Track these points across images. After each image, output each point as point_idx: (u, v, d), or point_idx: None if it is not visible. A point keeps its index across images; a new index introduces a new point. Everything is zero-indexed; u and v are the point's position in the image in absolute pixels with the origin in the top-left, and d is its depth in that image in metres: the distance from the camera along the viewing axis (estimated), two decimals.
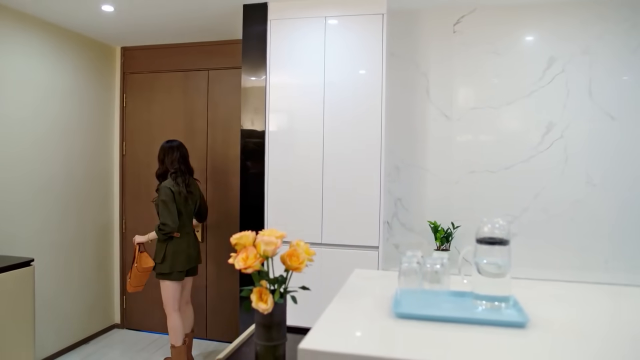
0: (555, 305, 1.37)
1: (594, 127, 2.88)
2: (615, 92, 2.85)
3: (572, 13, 2.87)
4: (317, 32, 2.83)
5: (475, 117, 3.04)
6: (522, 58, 2.96)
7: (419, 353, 1.03)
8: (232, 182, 3.72)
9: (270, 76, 2.88)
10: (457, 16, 3.01)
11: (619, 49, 2.83)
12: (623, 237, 2.85)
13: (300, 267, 1.36)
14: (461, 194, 3.08)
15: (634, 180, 2.83)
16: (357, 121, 2.79)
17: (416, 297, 1.34)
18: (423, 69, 3.09)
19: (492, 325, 1.19)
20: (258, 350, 1.40)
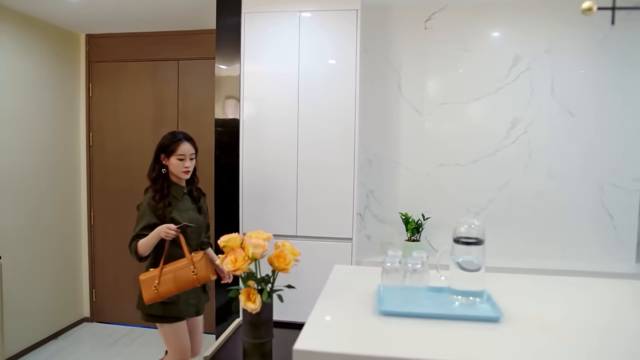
0: (526, 299, 1.48)
1: (555, 123, 3.03)
2: (575, 90, 3.00)
3: (537, 13, 2.99)
4: (292, 26, 2.84)
5: (445, 112, 3.14)
6: (490, 55, 3.06)
7: (404, 350, 1.10)
8: (205, 174, 3.66)
9: (244, 67, 2.88)
10: (428, 13, 3.08)
11: (579, 49, 2.97)
12: (581, 228, 3.03)
13: (287, 267, 1.41)
14: (431, 186, 3.18)
15: (591, 174, 3.01)
16: (332, 115, 2.84)
17: (398, 294, 1.41)
18: (395, 65, 3.15)
19: (468, 321, 1.27)
20: (246, 347, 1.45)
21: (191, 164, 2.34)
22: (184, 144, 2.32)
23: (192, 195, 2.42)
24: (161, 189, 2.29)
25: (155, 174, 2.35)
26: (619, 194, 3.00)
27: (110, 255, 3.95)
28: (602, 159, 3.00)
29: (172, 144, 2.32)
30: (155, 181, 2.33)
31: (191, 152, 2.34)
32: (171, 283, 2.05)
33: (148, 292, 2.07)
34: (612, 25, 1.41)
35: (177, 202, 2.32)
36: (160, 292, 2.04)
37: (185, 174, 2.33)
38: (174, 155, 2.31)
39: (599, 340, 1.18)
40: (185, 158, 2.31)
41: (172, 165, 2.32)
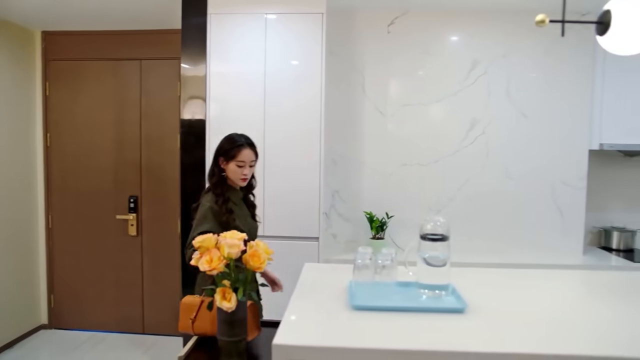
0: (488, 291, 1.57)
1: (510, 125, 3.19)
2: (528, 93, 3.17)
3: (493, 20, 3.14)
4: (258, 28, 2.86)
5: (408, 113, 3.24)
6: (450, 59, 3.19)
7: (377, 341, 1.16)
8: (169, 175, 3.66)
9: (210, 67, 2.88)
10: (391, 17, 3.17)
11: (531, 55, 3.14)
12: (535, 224, 3.20)
13: (262, 266, 1.44)
14: (394, 185, 3.28)
15: (543, 173, 3.19)
16: (298, 116, 2.88)
17: (369, 289, 1.48)
18: (359, 67, 3.22)
19: (435, 312, 1.35)
20: (221, 346, 1.47)
21: (250, 171, 2.19)
22: (245, 149, 2.15)
23: (246, 201, 2.31)
24: (222, 194, 2.13)
25: (216, 178, 2.18)
26: (568, 191, 3.19)
27: (69, 259, 3.84)
28: (552, 158, 3.18)
29: (233, 148, 2.15)
30: (216, 186, 2.17)
31: (252, 159, 2.18)
32: (208, 323, 1.69)
33: (184, 321, 1.79)
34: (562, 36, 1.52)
35: (236, 207, 2.18)
36: (194, 328, 1.75)
37: (242, 181, 2.18)
38: (233, 161, 2.14)
39: (554, 326, 1.28)
40: (245, 165, 2.15)
41: (229, 171, 2.16)
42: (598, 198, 3.38)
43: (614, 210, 3.45)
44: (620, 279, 1.81)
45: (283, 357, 1.09)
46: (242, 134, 2.22)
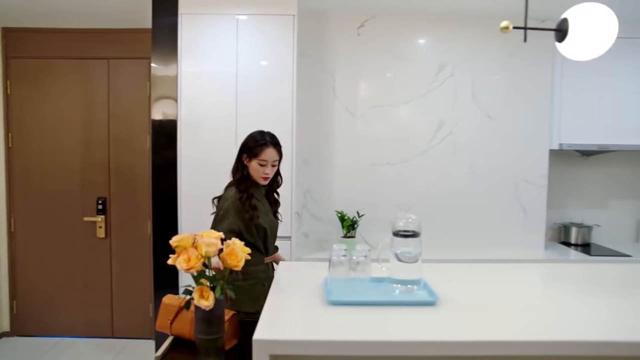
0: (457, 285, 1.64)
1: (476, 125, 3.30)
2: (492, 95, 3.29)
3: (459, 25, 3.24)
4: (230, 28, 2.87)
5: (377, 115, 3.31)
6: (418, 62, 3.28)
7: (354, 334, 1.20)
8: (139, 176, 3.61)
9: (182, 67, 2.87)
10: (361, 20, 3.23)
11: (495, 59, 3.27)
12: (500, 220, 3.34)
13: (239, 264, 1.46)
14: (365, 185, 3.34)
15: (507, 171, 3.32)
16: (270, 116, 2.90)
17: (344, 285, 1.52)
18: (330, 69, 3.27)
19: (409, 305, 1.41)
20: (199, 344, 1.49)
21: (272, 171, 2.17)
22: (268, 149, 2.14)
23: (269, 197, 2.30)
24: (246, 190, 2.14)
25: (240, 175, 2.19)
26: (530, 189, 3.34)
27: (34, 263, 3.73)
28: (515, 157, 3.32)
29: (256, 147, 2.14)
30: (239, 182, 2.17)
31: (274, 159, 2.17)
32: (186, 326, 1.67)
33: (162, 320, 1.77)
34: (525, 42, 1.60)
35: (258, 203, 2.19)
36: (172, 328, 1.73)
37: (263, 180, 2.18)
38: (256, 159, 2.14)
39: (519, 315, 1.36)
40: (267, 164, 2.14)
41: (251, 169, 2.17)
42: (558, 195, 3.55)
43: (573, 207, 3.63)
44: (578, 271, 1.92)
45: (263, 351, 1.11)
46: (267, 132, 2.21)
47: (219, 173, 2.89)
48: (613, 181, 3.63)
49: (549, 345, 1.18)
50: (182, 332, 1.69)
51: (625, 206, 3.65)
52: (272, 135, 2.21)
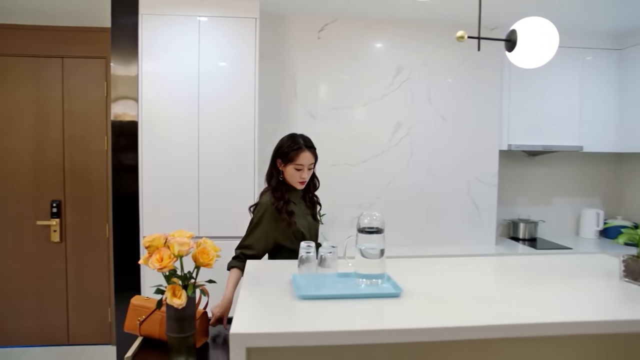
0: (418, 278, 1.74)
1: (431, 127, 3.46)
2: (446, 98, 3.46)
3: (415, 30, 3.39)
4: (191, 30, 2.87)
5: (337, 116, 3.40)
6: (376, 65, 3.39)
7: (324, 325, 1.27)
8: (96, 177, 3.53)
9: (142, 67, 2.85)
10: (321, 24, 3.31)
11: (449, 63, 3.43)
12: (455, 217, 3.50)
13: (211, 263, 1.50)
14: (325, 185, 3.37)
15: (461, 171, 3.49)
16: (232, 118, 2.94)
17: (312, 281, 1.58)
18: (291, 71, 3.33)
19: (374, 298, 1.49)
20: (171, 342, 1.51)
21: (308, 174, 2.13)
22: (304, 153, 2.09)
23: (305, 200, 2.25)
24: (282, 197, 2.09)
25: (275, 181, 2.14)
26: (482, 187, 3.53)
27: None
28: (468, 157, 3.50)
29: (292, 151, 2.10)
30: (276, 189, 2.12)
31: (310, 162, 2.11)
32: (156, 326, 1.68)
33: (130, 321, 1.76)
34: (479, 51, 1.72)
35: (295, 207, 2.15)
36: (142, 329, 1.72)
37: (300, 185, 2.13)
38: (291, 164, 2.09)
39: (475, 303, 1.47)
40: (304, 168, 2.09)
41: (287, 174, 2.12)
42: (507, 193, 3.77)
43: (520, 204, 3.86)
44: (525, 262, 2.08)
45: (240, 344, 1.16)
46: (301, 135, 2.16)
47: (181, 174, 2.92)
48: (556, 179, 3.89)
49: (502, 328, 1.29)
50: (151, 333, 1.70)
51: (567, 203, 3.92)
52: (305, 139, 2.17)
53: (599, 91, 3.59)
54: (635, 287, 1.66)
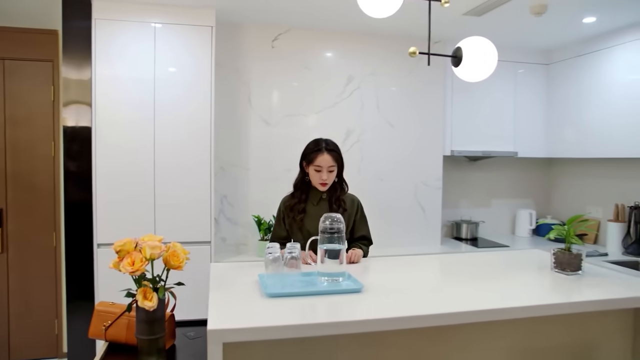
0: (376, 275, 1.88)
1: (380, 134, 3.63)
2: (394, 107, 3.65)
3: (364, 41, 3.55)
4: (147, 36, 2.88)
5: (290, 123, 3.50)
6: (328, 74, 3.53)
7: (292, 319, 1.36)
8: (42, 184, 3.42)
9: (96, 72, 2.82)
10: (275, 34, 3.40)
11: (397, 73, 3.63)
12: (403, 219, 3.69)
13: (181, 265, 1.55)
14: (280, 189, 3.43)
15: (408, 175, 3.69)
16: (188, 124, 2.96)
17: (279, 280, 1.67)
18: (245, 79, 3.40)
19: (337, 294, 1.60)
20: (141, 345, 1.54)
21: (329, 176, 2.24)
22: (323, 155, 2.22)
23: (330, 203, 2.30)
24: (300, 195, 2.29)
25: (297, 180, 2.34)
26: (428, 191, 3.75)
27: None
28: (415, 163, 3.70)
29: (312, 152, 2.25)
30: (296, 187, 2.33)
31: (330, 165, 2.23)
32: (123, 330, 1.71)
33: (95, 327, 1.75)
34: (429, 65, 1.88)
35: (313, 207, 2.27)
36: (107, 335, 1.72)
37: (321, 186, 2.25)
38: (312, 165, 2.24)
39: (428, 296, 1.62)
40: (323, 170, 2.22)
41: (310, 175, 2.28)
42: (450, 196, 4.01)
43: (463, 206, 4.12)
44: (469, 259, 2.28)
45: (217, 340, 1.23)
46: (325, 139, 2.31)
47: (137, 180, 2.90)
48: (494, 183, 4.19)
49: (451, 315, 1.45)
50: (118, 337, 1.72)
51: (504, 204, 4.23)
52: (328, 142, 2.30)
53: (530, 102, 3.93)
54: (563, 276, 1.88)
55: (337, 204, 2.30)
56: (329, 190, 2.32)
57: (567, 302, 1.58)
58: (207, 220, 3.04)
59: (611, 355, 1.80)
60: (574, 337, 1.76)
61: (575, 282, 1.80)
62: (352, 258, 2.11)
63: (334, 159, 2.26)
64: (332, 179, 2.28)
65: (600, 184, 3.81)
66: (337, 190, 2.33)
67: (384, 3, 1.65)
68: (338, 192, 2.33)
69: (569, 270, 1.88)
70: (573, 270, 1.88)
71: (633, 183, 3.52)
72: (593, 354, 1.79)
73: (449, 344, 1.64)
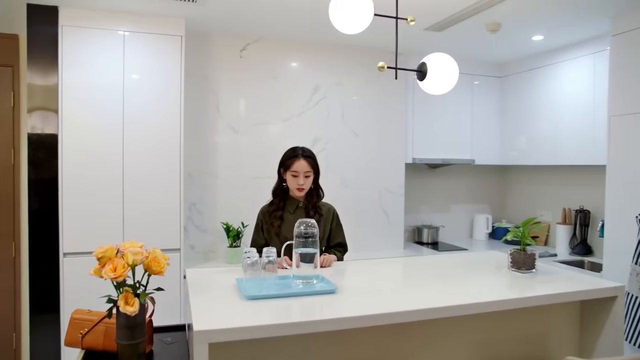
0: (350, 277, 1.98)
1: (345, 141, 3.76)
2: (359, 116, 3.78)
3: (329, 52, 3.68)
4: (116, 44, 2.88)
5: (259, 131, 3.56)
6: (295, 84, 3.62)
7: (272, 319, 1.44)
8: (1, 193, 3.32)
9: (63, 79, 2.79)
10: (243, 44, 3.47)
11: (361, 84, 3.77)
12: (368, 225, 3.82)
13: (162, 270, 1.59)
14: (248, 196, 3.55)
15: (372, 182, 3.83)
16: (158, 132, 2.98)
17: (257, 283, 1.74)
18: (214, 88, 3.44)
19: (313, 295, 1.68)
20: (122, 350, 1.57)
21: (306, 182, 2.31)
22: (299, 160, 2.30)
23: (307, 210, 2.36)
24: (278, 202, 2.35)
25: (275, 186, 2.41)
26: (391, 197, 3.89)
27: None
28: (378, 170, 3.85)
29: (289, 159, 2.34)
30: (274, 194, 2.40)
31: (306, 170, 2.30)
32: (101, 337, 1.73)
33: (71, 335, 1.74)
34: (396, 79, 2.00)
35: (290, 215, 2.33)
36: (83, 343, 1.72)
37: (298, 191, 2.32)
38: (289, 171, 2.31)
39: (396, 295, 1.73)
40: (299, 175, 2.29)
41: (288, 181, 2.34)
42: (412, 202, 4.18)
43: (423, 211, 4.30)
44: (432, 261, 2.42)
45: (203, 340, 1.28)
46: (302, 147, 2.40)
47: (105, 189, 2.89)
48: (453, 189, 4.40)
49: (418, 312, 1.55)
50: (95, 345, 1.73)
51: (462, 209, 4.44)
52: (305, 149, 2.39)
53: (486, 112, 4.16)
54: (519, 274, 2.04)
55: (313, 210, 2.38)
56: (305, 198, 2.40)
57: (523, 297, 1.73)
58: (176, 227, 3.05)
59: (562, 343, 1.98)
60: (529, 329, 1.92)
61: (529, 279, 1.96)
62: (324, 262, 2.20)
63: (310, 165, 2.35)
64: (309, 184, 2.37)
65: (550, 189, 4.08)
66: (314, 197, 2.42)
67: (355, 20, 1.76)
68: (315, 199, 2.42)
69: (524, 268, 2.04)
70: (528, 268, 2.04)
71: (579, 188, 3.80)
72: (547, 342, 1.96)
73: (415, 341, 1.76)
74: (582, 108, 3.42)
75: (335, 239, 2.49)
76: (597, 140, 3.26)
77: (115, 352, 1.70)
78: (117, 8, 2.84)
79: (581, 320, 2.01)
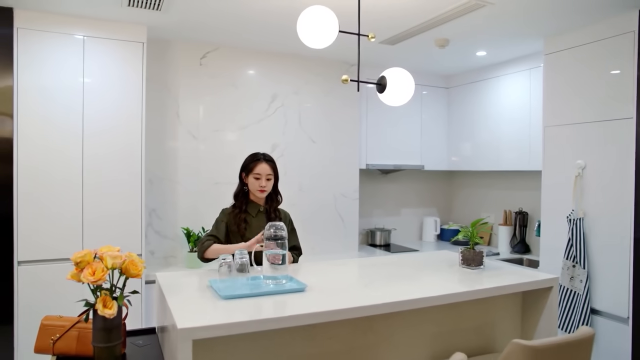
0: (316, 277, 2.09)
1: (303, 148, 3.88)
2: (315, 123, 3.92)
3: (288, 62, 3.80)
4: (75, 49, 2.86)
5: (218, 138, 3.62)
6: (253, 92, 3.71)
7: (247, 316, 1.53)
8: None
9: (19, 82, 2.74)
10: (203, 51, 3.52)
11: (317, 93, 3.91)
12: (324, 229, 3.95)
13: (140, 273, 1.64)
14: (208, 201, 3.59)
15: (328, 187, 3.98)
16: (119, 138, 2.98)
17: (230, 284, 1.82)
18: (174, 94, 3.46)
19: (283, 294, 1.78)
20: (99, 353, 1.61)
21: (267, 184, 2.44)
22: (261, 164, 2.44)
23: (268, 214, 2.47)
24: (241, 205, 2.45)
25: (237, 190, 2.52)
26: (346, 202, 4.05)
27: None
28: (334, 175, 4.00)
29: (251, 162, 2.46)
30: (236, 197, 2.50)
31: (267, 173, 2.44)
32: (73, 342, 1.73)
33: (41, 342, 1.72)
34: (358, 91, 2.15)
35: (252, 219, 2.44)
36: (55, 349, 1.70)
37: (260, 192, 2.44)
38: (251, 174, 2.43)
39: (361, 291, 1.87)
40: (261, 177, 2.42)
41: (249, 184, 2.46)
42: (366, 206, 4.37)
43: (376, 215, 4.49)
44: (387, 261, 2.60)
45: (187, 337, 1.35)
46: (263, 153, 2.55)
47: (64, 194, 2.85)
48: (404, 193, 4.63)
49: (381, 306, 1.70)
50: (67, 350, 1.74)
51: (412, 213, 4.69)
52: (266, 154, 2.55)
53: (434, 121, 4.43)
54: (469, 270, 2.24)
55: (274, 214, 2.51)
56: (266, 202, 2.52)
57: (473, 290, 1.92)
58: (137, 233, 3.05)
59: (507, 330, 2.21)
60: (479, 319, 2.13)
61: (478, 274, 2.17)
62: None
63: (272, 168, 2.50)
64: (270, 186, 2.50)
65: (492, 193, 4.40)
66: (274, 202, 2.55)
67: (321, 36, 1.89)
68: (275, 204, 2.55)
69: (474, 265, 2.25)
70: (476, 265, 2.25)
71: (518, 192, 4.13)
72: (495, 330, 2.18)
73: (379, 334, 1.91)
74: (520, 119, 3.74)
75: (290, 243, 2.59)
76: (533, 148, 3.58)
77: (89, 357, 1.74)
78: (76, 13, 2.82)
79: (522, 309, 2.24)
